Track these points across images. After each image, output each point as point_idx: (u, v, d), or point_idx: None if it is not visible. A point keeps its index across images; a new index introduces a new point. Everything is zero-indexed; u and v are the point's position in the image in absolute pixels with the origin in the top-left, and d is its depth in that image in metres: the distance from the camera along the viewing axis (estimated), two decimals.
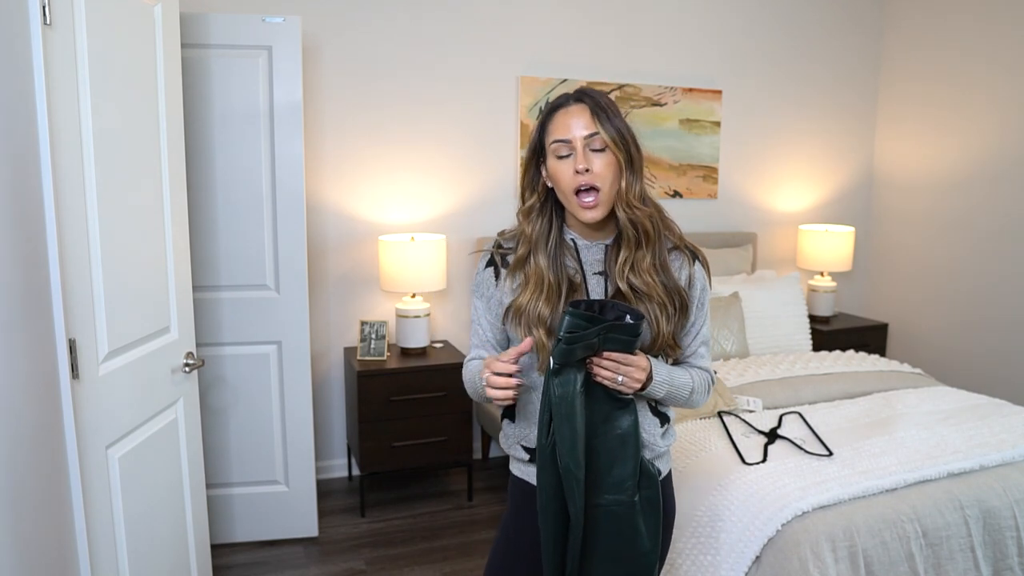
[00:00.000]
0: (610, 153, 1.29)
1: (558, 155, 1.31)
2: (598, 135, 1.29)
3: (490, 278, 1.43)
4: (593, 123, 1.29)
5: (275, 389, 2.77)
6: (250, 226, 2.67)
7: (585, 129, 1.29)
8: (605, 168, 1.29)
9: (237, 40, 2.57)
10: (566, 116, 1.31)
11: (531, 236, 1.38)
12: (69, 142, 1.52)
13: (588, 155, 1.29)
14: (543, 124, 1.35)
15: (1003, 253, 3.60)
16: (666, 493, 1.46)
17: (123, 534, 1.72)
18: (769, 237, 4.14)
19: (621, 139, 1.30)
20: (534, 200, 1.39)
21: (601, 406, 1.27)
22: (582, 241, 1.40)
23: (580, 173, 1.28)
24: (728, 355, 3.20)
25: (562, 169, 1.31)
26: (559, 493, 1.24)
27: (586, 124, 1.29)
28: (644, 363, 1.27)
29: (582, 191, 1.30)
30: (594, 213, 1.31)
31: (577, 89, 1.36)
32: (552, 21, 3.50)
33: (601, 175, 1.29)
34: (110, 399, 1.67)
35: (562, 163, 1.31)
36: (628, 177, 1.31)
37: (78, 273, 1.55)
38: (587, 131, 1.29)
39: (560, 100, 1.35)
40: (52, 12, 1.44)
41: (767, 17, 3.92)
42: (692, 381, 1.38)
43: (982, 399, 2.71)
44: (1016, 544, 2.02)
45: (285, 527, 2.86)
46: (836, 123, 4.19)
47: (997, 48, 3.57)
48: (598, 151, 1.29)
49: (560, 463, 1.21)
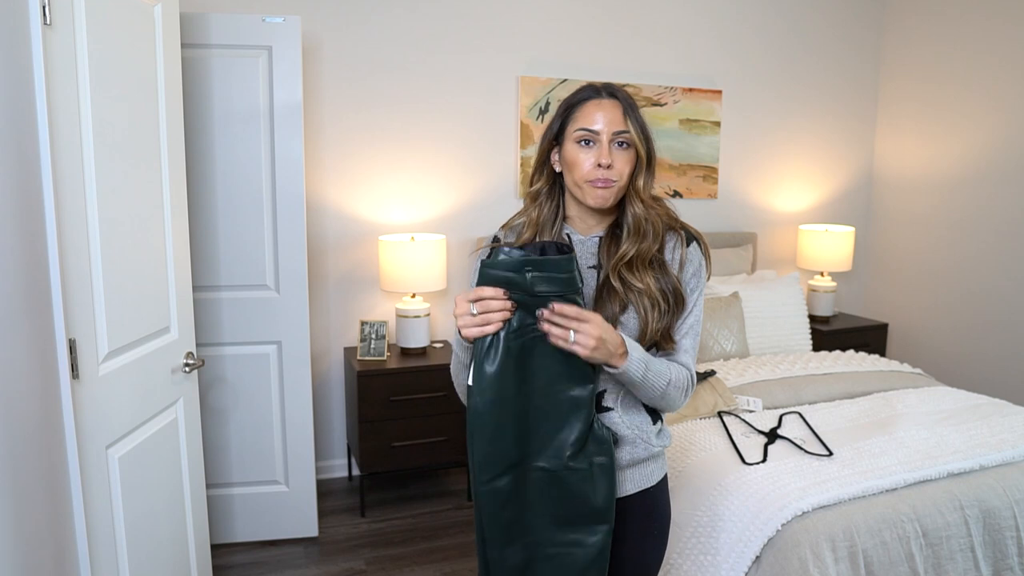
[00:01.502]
0: (632, 151, 1.33)
1: (581, 142, 1.32)
2: (627, 133, 1.31)
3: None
4: (624, 121, 1.32)
5: (275, 389, 2.77)
6: (250, 226, 2.67)
7: (616, 125, 1.31)
8: (625, 164, 1.32)
9: (237, 40, 2.57)
10: (598, 108, 1.33)
11: (538, 220, 1.39)
12: (69, 142, 1.52)
13: (613, 151, 1.31)
14: (569, 110, 1.36)
15: (1004, 253, 3.60)
16: (660, 500, 1.43)
17: (123, 534, 1.72)
18: (769, 237, 4.14)
19: (644, 138, 1.34)
20: (542, 183, 1.41)
21: (554, 365, 1.21)
22: (577, 236, 1.40)
23: (603, 167, 1.30)
24: (728, 355, 3.20)
25: (582, 158, 1.32)
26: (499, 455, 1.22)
27: (617, 121, 1.31)
28: (600, 321, 1.19)
29: (598, 181, 1.31)
30: (606, 194, 1.32)
31: (605, 84, 1.37)
32: (552, 21, 3.50)
33: (620, 171, 1.32)
34: (110, 399, 1.67)
35: (584, 151, 1.32)
36: (645, 176, 1.35)
37: (78, 273, 1.55)
38: (617, 128, 1.31)
39: (589, 91, 1.36)
40: (52, 12, 1.44)
41: (767, 17, 3.92)
42: (669, 372, 1.31)
43: (982, 399, 2.71)
44: (1016, 544, 2.02)
45: (285, 527, 2.86)
46: (836, 123, 4.19)
47: (998, 47, 3.57)
48: (622, 148, 1.32)
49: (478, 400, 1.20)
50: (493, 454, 1.22)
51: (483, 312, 1.18)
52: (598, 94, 1.35)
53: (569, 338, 1.17)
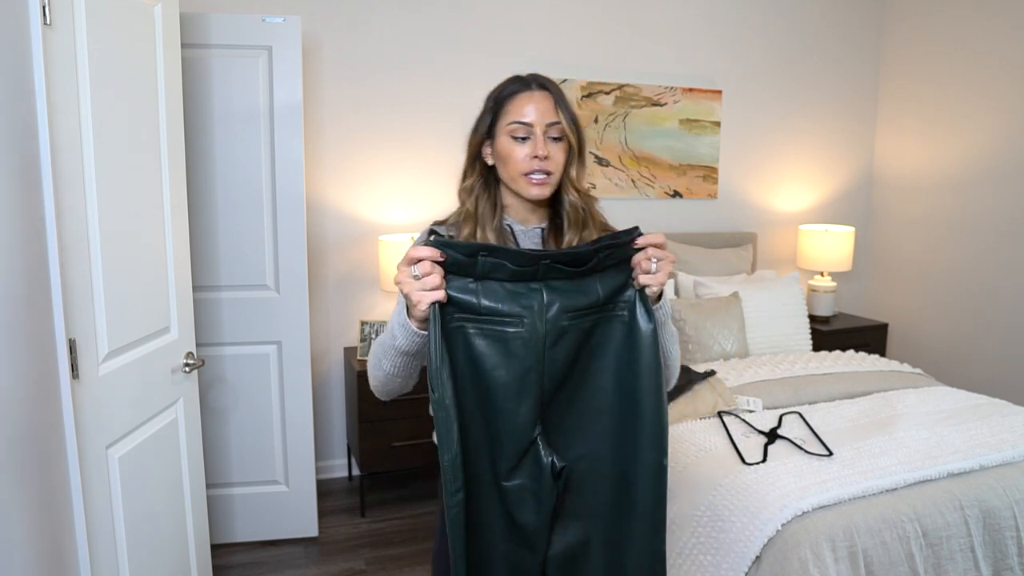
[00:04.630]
0: (565, 141, 1.33)
1: (514, 136, 1.32)
2: (559, 124, 1.31)
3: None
4: (556, 112, 1.32)
5: (275, 389, 2.77)
6: (250, 226, 2.66)
7: (549, 117, 1.31)
8: (559, 155, 1.32)
9: (237, 40, 2.57)
10: (530, 100, 1.33)
11: (477, 214, 1.38)
12: (69, 142, 1.52)
13: (547, 142, 1.31)
14: (499, 104, 1.36)
15: (1004, 253, 3.60)
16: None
17: (123, 534, 1.72)
18: (769, 237, 4.14)
19: (575, 128, 1.34)
20: (474, 179, 1.41)
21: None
22: (519, 227, 1.40)
23: (539, 159, 1.30)
24: (728, 355, 3.20)
25: (517, 151, 1.32)
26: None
27: (550, 112, 1.32)
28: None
29: (534, 173, 1.31)
30: (542, 190, 1.32)
31: (532, 74, 1.38)
32: (552, 21, 3.50)
33: (555, 161, 1.32)
34: (110, 399, 1.67)
35: (518, 145, 1.32)
36: (577, 164, 1.35)
37: (78, 273, 1.55)
38: (550, 119, 1.31)
39: (519, 84, 1.36)
40: (52, 12, 1.44)
41: (767, 17, 3.92)
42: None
43: (982, 399, 2.71)
44: (1016, 544, 2.02)
45: (285, 527, 2.85)
46: (836, 123, 4.19)
47: (998, 47, 3.57)
48: (555, 139, 1.32)
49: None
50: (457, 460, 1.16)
51: (425, 274, 1.10)
52: (528, 87, 1.35)
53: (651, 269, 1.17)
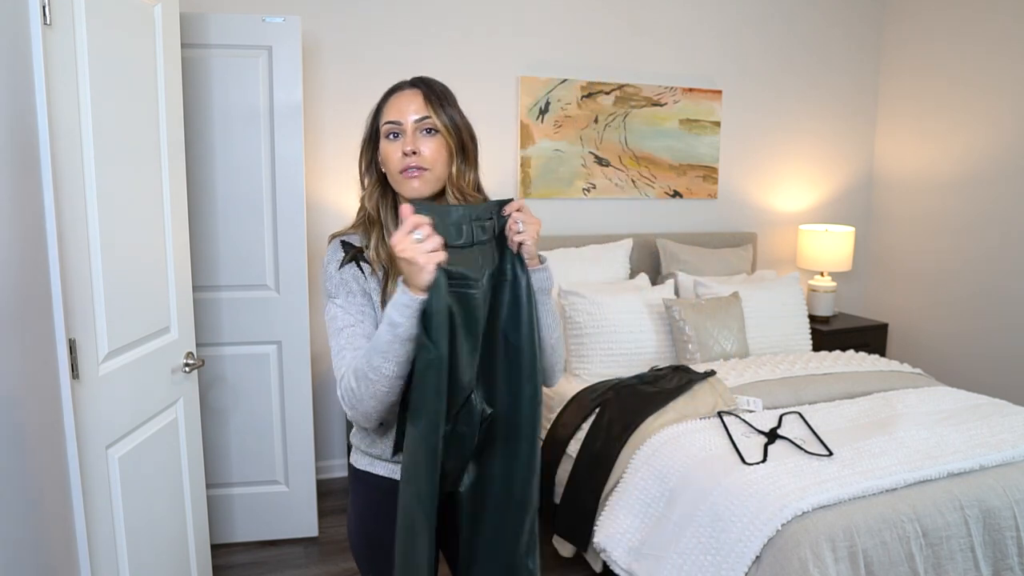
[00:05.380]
0: (441, 138, 1.32)
1: (389, 136, 1.33)
2: (429, 119, 1.31)
3: (357, 274, 1.35)
4: (425, 107, 1.32)
5: (275, 389, 2.77)
6: (250, 226, 2.66)
7: (417, 113, 1.31)
8: (435, 152, 1.31)
9: (237, 40, 2.57)
10: (399, 100, 1.34)
11: (380, 218, 1.38)
12: (69, 142, 1.52)
13: (417, 138, 1.31)
14: (378, 109, 1.37)
15: (1004, 253, 3.60)
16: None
17: (123, 534, 1.72)
18: (769, 237, 4.14)
19: (453, 126, 1.33)
20: (372, 186, 1.40)
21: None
22: None
23: (407, 155, 1.30)
24: (728, 355, 3.20)
25: (391, 150, 1.33)
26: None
27: (419, 107, 1.32)
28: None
29: (408, 169, 1.31)
30: (416, 184, 1.31)
31: (414, 76, 1.39)
32: (552, 21, 3.50)
33: (431, 158, 1.31)
34: (110, 399, 1.67)
35: (392, 144, 1.33)
36: (459, 164, 1.34)
37: (78, 273, 1.55)
38: (418, 115, 1.31)
39: (396, 85, 1.38)
40: (52, 12, 1.44)
41: (767, 17, 3.92)
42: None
43: (982, 399, 2.71)
44: (1016, 544, 2.02)
45: (285, 527, 2.85)
46: (836, 123, 4.19)
47: (998, 47, 3.57)
48: (429, 135, 1.32)
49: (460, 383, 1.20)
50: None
51: (427, 237, 1.11)
52: (400, 87, 1.37)
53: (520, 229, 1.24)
